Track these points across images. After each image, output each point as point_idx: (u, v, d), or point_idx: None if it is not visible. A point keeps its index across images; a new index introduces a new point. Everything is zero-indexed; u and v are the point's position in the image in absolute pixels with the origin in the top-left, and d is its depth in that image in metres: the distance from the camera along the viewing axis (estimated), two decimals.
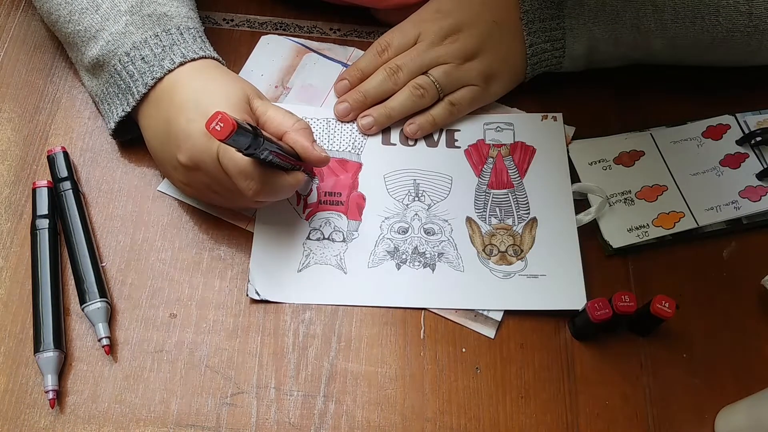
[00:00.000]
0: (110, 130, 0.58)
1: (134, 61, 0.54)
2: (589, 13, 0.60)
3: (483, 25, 0.61)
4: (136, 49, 0.55)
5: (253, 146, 0.46)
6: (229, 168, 0.50)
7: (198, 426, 0.51)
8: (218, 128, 0.43)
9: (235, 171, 0.50)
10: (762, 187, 0.61)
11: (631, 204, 0.60)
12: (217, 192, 0.54)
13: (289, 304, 0.55)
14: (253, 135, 0.46)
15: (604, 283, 0.57)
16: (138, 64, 0.54)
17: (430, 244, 0.58)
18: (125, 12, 0.55)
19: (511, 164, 0.62)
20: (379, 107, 0.61)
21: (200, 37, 0.57)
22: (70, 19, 0.57)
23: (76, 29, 0.57)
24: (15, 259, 0.56)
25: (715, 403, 0.54)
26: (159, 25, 0.55)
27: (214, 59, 0.57)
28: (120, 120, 0.56)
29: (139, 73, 0.54)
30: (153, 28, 0.55)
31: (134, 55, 0.55)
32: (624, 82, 0.66)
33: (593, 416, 0.53)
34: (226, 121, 0.43)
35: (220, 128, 0.43)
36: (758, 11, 0.59)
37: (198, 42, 0.56)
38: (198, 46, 0.56)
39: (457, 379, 0.54)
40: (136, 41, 0.55)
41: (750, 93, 0.66)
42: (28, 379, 0.52)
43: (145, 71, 0.54)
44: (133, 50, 0.55)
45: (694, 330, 0.56)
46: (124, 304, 0.55)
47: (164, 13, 0.56)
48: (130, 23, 0.55)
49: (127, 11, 0.55)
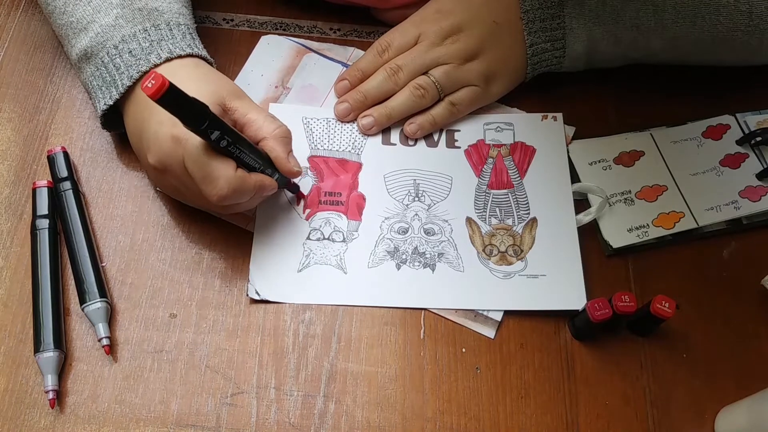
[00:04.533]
0: (100, 122, 0.57)
1: (122, 54, 0.54)
2: (589, 13, 0.60)
3: (483, 25, 0.61)
4: (124, 42, 0.54)
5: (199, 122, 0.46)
6: (194, 172, 0.50)
7: (198, 426, 0.51)
8: (149, 85, 0.43)
9: (199, 176, 0.49)
10: (762, 187, 0.61)
11: (631, 204, 0.60)
12: (186, 195, 0.54)
13: (289, 304, 0.55)
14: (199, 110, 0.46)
15: (604, 283, 0.57)
16: (125, 57, 0.54)
17: (430, 244, 0.58)
18: (116, 5, 0.55)
19: (511, 164, 0.62)
20: (379, 107, 0.61)
21: (190, 34, 0.57)
22: (65, 10, 0.57)
23: (69, 20, 0.57)
24: (15, 259, 0.56)
25: (715, 403, 0.54)
26: (149, 19, 0.55)
27: (202, 57, 0.56)
28: (105, 112, 0.56)
29: (125, 66, 0.54)
30: (143, 22, 0.55)
31: (122, 48, 0.54)
32: (624, 82, 0.66)
33: (593, 416, 0.53)
34: (158, 80, 0.43)
35: (152, 86, 0.43)
36: (758, 10, 0.59)
37: (187, 39, 0.56)
38: (186, 43, 0.56)
39: (457, 379, 0.54)
40: (125, 34, 0.55)
41: (750, 93, 0.66)
42: (28, 379, 0.52)
43: (131, 65, 0.54)
44: (122, 43, 0.54)
45: (694, 330, 0.56)
46: (124, 304, 0.55)
47: (155, 7, 0.56)
48: (120, 16, 0.55)
49: (118, 4, 0.55)
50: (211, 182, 0.50)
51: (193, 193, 0.52)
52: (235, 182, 0.50)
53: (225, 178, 0.49)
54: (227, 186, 0.50)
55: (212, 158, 0.50)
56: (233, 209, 0.55)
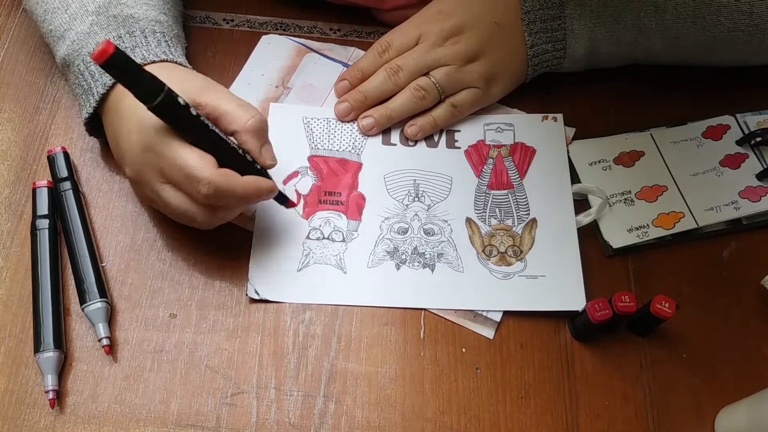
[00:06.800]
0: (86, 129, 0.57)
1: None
2: (590, 13, 0.60)
3: (484, 26, 0.61)
4: None
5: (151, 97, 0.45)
6: (175, 177, 0.49)
7: (198, 426, 0.51)
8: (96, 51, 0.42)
9: (180, 178, 0.48)
10: (762, 187, 0.61)
11: (631, 204, 0.60)
12: (166, 208, 0.52)
13: (289, 304, 0.55)
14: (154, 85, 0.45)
15: (604, 283, 0.57)
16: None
17: (429, 244, 0.58)
18: (92, 12, 0.55)
19: (511, 165, 0.62)
20: (379, 108, 0.61)
21: (165, 41, 0.56)
22: (44, 18, 0.57)
23: (49, 29, 0.57)
24: (15, 259, 0.56)
25: (715, 403, 0.54)
26: (123, 26, 0.55)
27: (177, 63, 0.55)
28: (87, 121, 0.56)
29: (99, 74, 0.54)
30: (117, 29, 0.55)
31: None
32: (624, 82, 0.66)
33: (593, 416, 0.53)
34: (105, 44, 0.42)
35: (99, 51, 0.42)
36: (759, 10, 0.59)
37: (162, 46, 0.55)
38: (161, 50, 0.55)
39: (457, 379, 0.54)
40: (99, 41, 0.54)
41: (750, 93, 0.66)
42: (28, 379, 0.52)
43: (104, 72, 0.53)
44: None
45: (694, 330, 0.56)
46: (124, 304, 0.55)
47: (130, 15, 0.55)
48: (95, 23, 0.55)
49: (93, 11, 0.55)
50: (192, 181, 0.48)
51: (166, 203, 0.51)
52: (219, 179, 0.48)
53: (207, 174, 0.48)
54: (209, 182, 0.48)
55: (190, 155, 0.48)
56: (214, 220, 0.52)
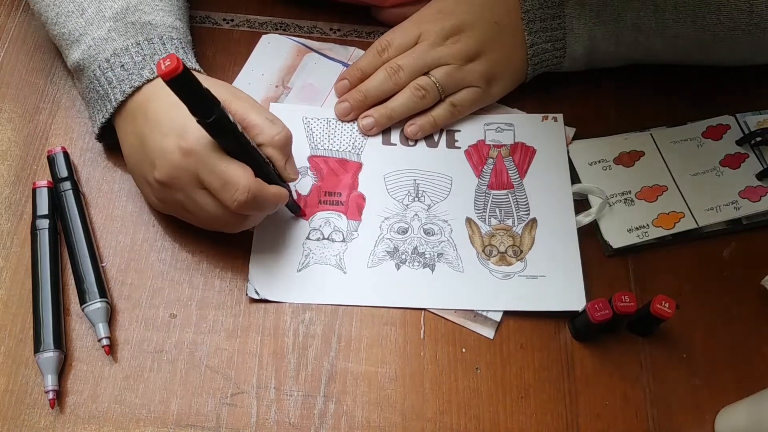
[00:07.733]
0: (95, 135, 0.57)
1: (113, 68, 0.54)
2: (590, 13, 0.60)
3: (484, 25, 0.61)
4: (116, 56, 0.54)
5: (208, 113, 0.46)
6: (212, 182, 0.49)
7: (198, 426, 0.51)
8: (163, 66, 0.43)
9: (218, 184, 0.49)
10: (762, 187, 0.61)
11: (631, 204, 0.60)
12: (191, 211, 0.52)
13: (289, 304, 0.55)
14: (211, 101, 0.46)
15: (604, 283, 0.57)
16: (117, 71, 0.54)
17: (429, 244, 0.58)
18: (109, 18, 0.55)
19: (511, 165, 0.62)
20: (380, 108, 0.61)
21: (183, 48, 0.56)
22: (57, 21, 0.56)
23: (61, 32, 0.56)
24: (15, 259, 0.56)
25: (715, 403, 0.54)
26: (142, 33, 0.55)
27: (195, 71, 0.56)
28: (102, 126, 0.56)
29: (117, 81, 0.54)
30: (135, 36, 0.54)
31: (114, 62, 0.54)
32: (624, 83, 0.66)
33: (593, 416, 0.53)
34: (173, 61, 0.43)
35: (166, 67, 0.43)
36: (759, 9, 0.59)
37: (179, 53, 0.55)
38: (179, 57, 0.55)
39: (457, 379, 0.54)
40: (117, 48, 0.54)
41: (750, 93, 0.66)
42: (28, 379, 0.52)
43: (123, 79, 0.53)
44: (114, 57, 0.54)
45: (694, 330, 0.56)
46: (124, 304, 0.55)
47: (148, 21, 0.55)
48: (113, 29, 0.54)
49: (111, 17, 0.55)
50: (230, 188, 0.48)
51: (199, 208, 0.51)
52: (256, 187, 0.49)
53: (245, 182, 0.48)
54: (248, 190, 0.48)
55: (230, 163, 0.49)
56: (243, 225, 0.53)
